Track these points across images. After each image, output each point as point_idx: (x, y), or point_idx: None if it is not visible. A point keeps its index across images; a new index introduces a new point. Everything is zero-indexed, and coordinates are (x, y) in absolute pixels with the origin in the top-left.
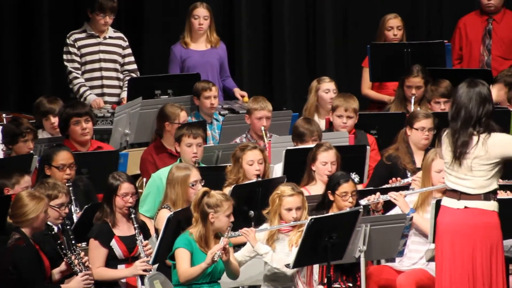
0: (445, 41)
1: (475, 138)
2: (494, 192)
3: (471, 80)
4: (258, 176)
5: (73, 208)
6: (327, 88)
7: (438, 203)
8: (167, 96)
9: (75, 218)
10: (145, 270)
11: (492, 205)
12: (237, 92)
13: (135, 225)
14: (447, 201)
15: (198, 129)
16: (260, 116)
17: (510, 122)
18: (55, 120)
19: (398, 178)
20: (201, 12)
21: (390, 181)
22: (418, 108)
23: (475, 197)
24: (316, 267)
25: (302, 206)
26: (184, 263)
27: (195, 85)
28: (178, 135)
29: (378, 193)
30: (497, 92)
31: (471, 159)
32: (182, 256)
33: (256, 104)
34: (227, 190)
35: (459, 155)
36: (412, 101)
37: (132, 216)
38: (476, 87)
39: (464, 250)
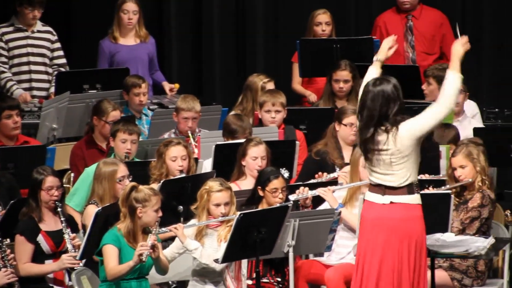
0: (374, 36)
1: (383, 135)
2: (416, 184)
3: (377, 79)
4: (181, 172)
5: None
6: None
7: None
8: (95, 91)
9: None
10: (72, 265)
11: (416, 198)
12: (166, 85)
13: (62, 219)
14: (371, 196)
15: (134, 126)
16: (186, 116)
17: None
18: None
19: (325, 173)
20: (130, 7)
21: (316, 175)
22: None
23: (400, 191)
24: (244, 262)
25: (230, 201)
26: (112, 261)
27: (125, 79)
28: (113, 130)
29: (306, 188)
30: (427, 86)
31: (389, 156)
32: (110, 253)
33: (184, 104)
34: (153, 185)
35: (365, 152)
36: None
37: (59, 209)
38: (379, 86)
39: (390, 244)
